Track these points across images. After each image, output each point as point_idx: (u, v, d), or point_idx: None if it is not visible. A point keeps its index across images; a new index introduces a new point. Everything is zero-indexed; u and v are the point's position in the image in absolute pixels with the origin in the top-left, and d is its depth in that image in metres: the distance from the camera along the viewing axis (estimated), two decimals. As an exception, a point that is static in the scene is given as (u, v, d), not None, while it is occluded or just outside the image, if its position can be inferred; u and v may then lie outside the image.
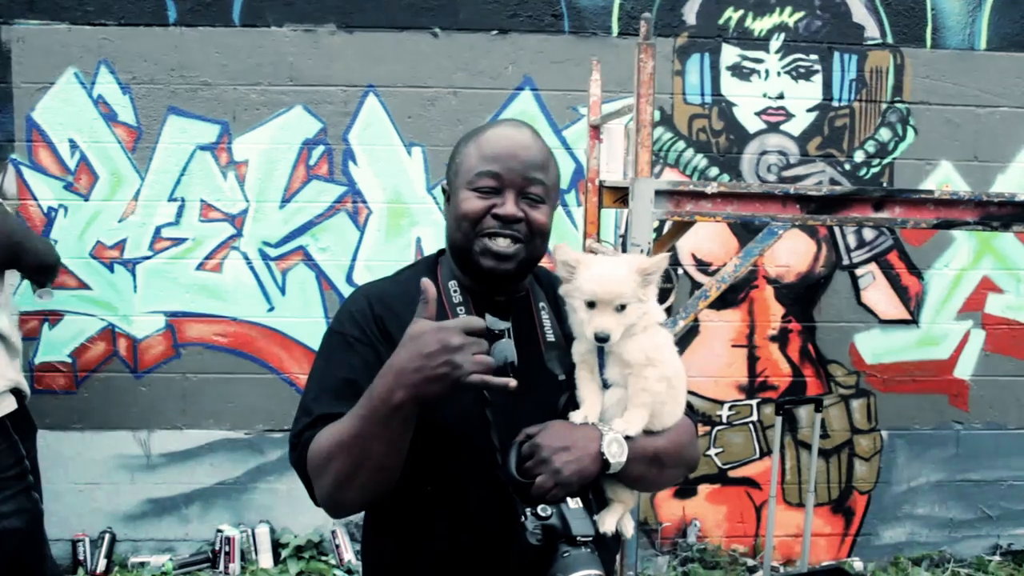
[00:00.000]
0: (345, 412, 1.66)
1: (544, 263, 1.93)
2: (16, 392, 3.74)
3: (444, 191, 1.91)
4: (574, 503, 1.60)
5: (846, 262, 4.96)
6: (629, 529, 1.83)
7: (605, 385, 1.76)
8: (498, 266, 1.77)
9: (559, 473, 1.61)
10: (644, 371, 1.71)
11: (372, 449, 1.60)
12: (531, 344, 1.83)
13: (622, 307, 1.69)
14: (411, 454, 1.71)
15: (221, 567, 4.80)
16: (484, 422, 1.71)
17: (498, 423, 1.71)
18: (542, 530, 1.55)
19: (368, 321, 1.81)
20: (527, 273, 1.88)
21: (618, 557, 3.27)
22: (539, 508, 1.57)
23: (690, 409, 1.90)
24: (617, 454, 1.67)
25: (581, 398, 1.76)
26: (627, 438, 1.70)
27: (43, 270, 4.12)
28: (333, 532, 4.83)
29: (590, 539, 1.57)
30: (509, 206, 1.75)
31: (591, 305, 1.70)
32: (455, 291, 1.84)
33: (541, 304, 1.90)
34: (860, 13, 4.83)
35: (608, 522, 1.79)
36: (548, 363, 1.81)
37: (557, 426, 1.69)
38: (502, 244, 1.76)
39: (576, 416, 1.71)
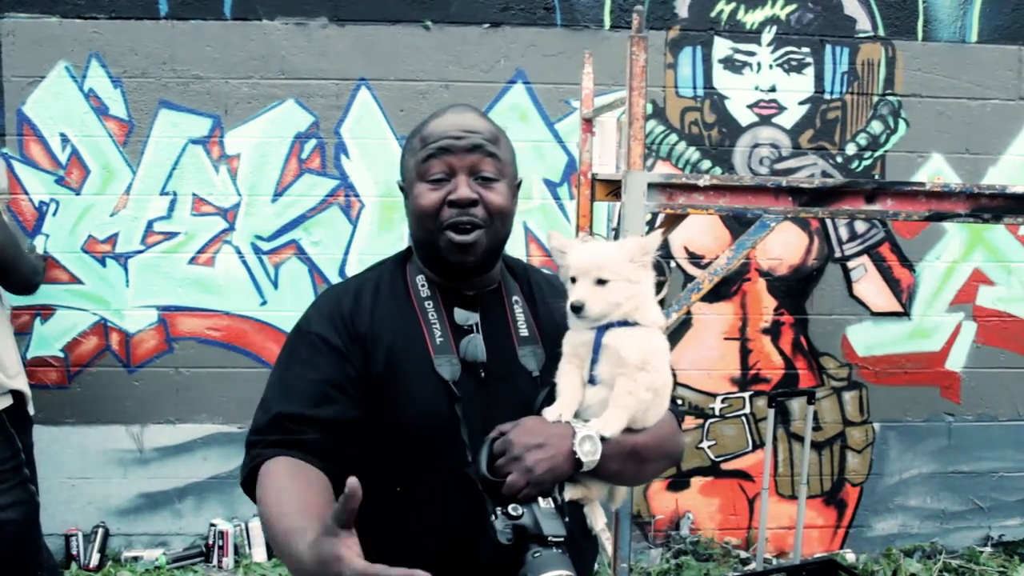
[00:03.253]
0: (305, 413, 1.66)
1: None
2: (14, 391, 3.75)
3: (401, 188, 1.88)
4: (545, 503, 1.57)
5: (838, 255, 4.97)
6: (600, 523, 1.81)
7: (592, 381, 1.72)
8: (465, 259, 1.74)
9: (531, 472, 1.57)
10: (636, 374, 1.68)
11: (284, 560, 1.55)
12: (504, 339, 1.81)
13: (603, 282, 1.67)
14: (378, 454, 1.70)
15: (215, 561, 4.80)
16: (454, 419, 1.68)
17: (469, 420, 1.68)
18: (512, 530, 1.52)
19: (336, 319, 1.79)
20: (495, 260, 1.84)
21: (610, 548, 3.28)
22: (510, 507, 1.54)
23: (673, 402, 1.87)
24: (590, 452, 1.63)
25: (560, 391, 1.71)
26: (603, 438, 1.65)
27: (23, 289, 4.11)
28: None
29: (561, 539, 1.53)
30: (462, 189, 1.72)
31: (573, 281, 1.69)
32: (423, 286, 1.82)
33: (515, 298, 1.87)
34: (852, 6, 4.83)
35: (597, 519, 1.78)
36: (522, 359, 1.79)
37: (530, 423, 1.66)
38: (462, 237, 1.72)
39: (550, 413, 1.67)
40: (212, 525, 4.81)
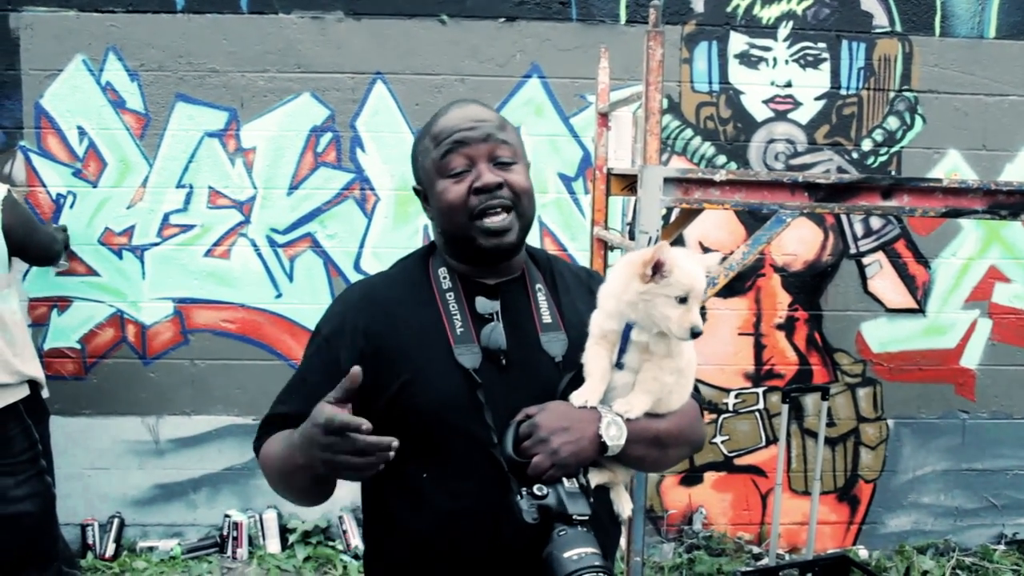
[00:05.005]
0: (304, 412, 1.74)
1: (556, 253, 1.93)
2: (30, 380, 3.79)
3: (417, 193, 1.91)
4: (570, 484, 1.61)
5: (853, 251, 4.96)
6: (627, 510, 1.84)
7: (619, 367, 1.74)
8: (500, 242, 1.77)
9: (556, 454, 1.61)
10: (662, 361, 1.71)
11: (294, 479, 1.73)
12: (527, 326, 1.83)
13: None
14: (402, 443, 1.73)
15: (229, 552, 4.83)
16: (476, 404, 1.71)
17: (493, 405, 1.72)
18: (537, 509, 1.56)
19: (348, 318, 1.85)
20: (523, 241, 1.88)
21: (623, 542, 3.29)
22: (535, 488, 1.58)
23: (696, 391, 1.90)
24: (615, 437, 1.67)
25: (588, 373, 1.74)
26: (627, 420, 1.69)
27: (46, 261, 4.19)
28: (340, 518, 4.85)
29: (586, 518, 1.57)
30: (486, 175, 1.76)
31: (682, 300, 1.65)
32: (444, 278, 1.85)
33: (538, 286, 1.90)
34: (868, 1, 4.81)
35: (624, 506, 1.81)
36: (544, 345, 1.81)
37: (556, 407, 1.70)
38: (497, 220, 1.76)
39: (576, 398, 1.71)
40: (227, 516, 4.84)
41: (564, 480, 1.61)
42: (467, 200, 1.76)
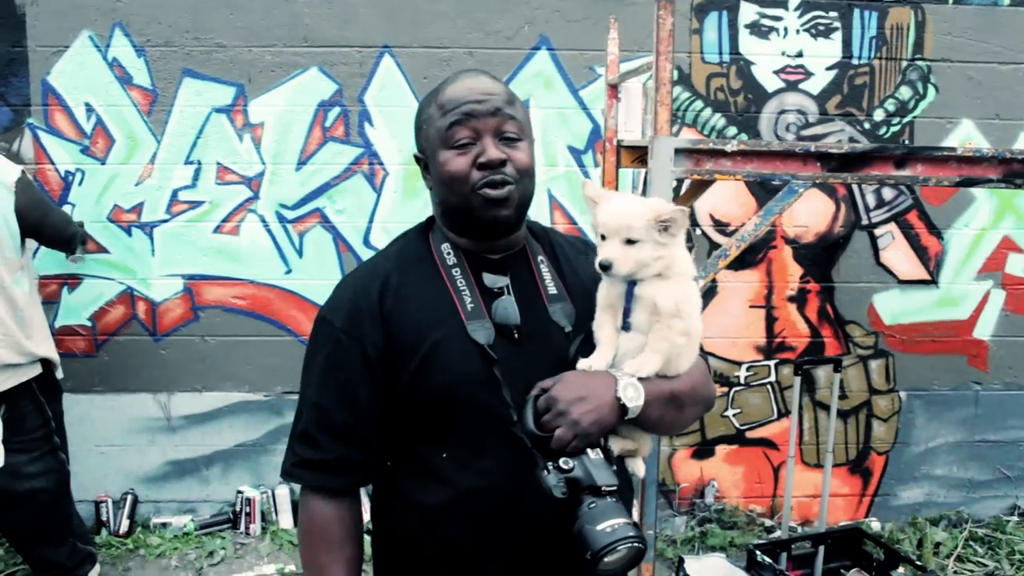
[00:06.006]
0: (330, 424, 1.78)
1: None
2: (43, 360, 3.80)
3: (418, 160, 1.89)
4: (594, 454, 1.60)
5: (865, 222, 4.93)
6: (641, 470, 1.84)
7: (626, 328, 1.75)
8: (499, 213, 1.75)
9: (578, 424, 1.60)
10: (671, 321, 1.71)
11: None
12: (534, 298, 1.83)
13: (631, 241, 1.69)
14: (420, 423, 1.74)
15: (242, 527, 4.85)
16: (493, 381, 1.70)
17: (508, 380, 1.70)
18: (566, 483, 1.55)
19: (361, 302, 1.80)
20: (523, 217, 1.86)
21: (636, 515, 3.29)
22: (561, 461, 1.57)
23: (700, 349, 1.89)
24: (634, 398, 1.67)
25: (598, 340, 1.75)
26: (642, 380, 1.69)
27: (60, 243, 4.19)
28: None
29: (615, 488, 1.57)
30: (491, 151, 1.73)
31: (603, 238, 1.71)
32: (448, 254, 1.83)
33: (540, 258, 1.89)
34: (881, -31, 4.76)
35: (638, 466, 1.81)
36: (553, 316, 1.81)
37: (571, 377, 1.69)
38: (498, 192, 1.73)
39: (581, 363, 1.71)
40: (239, 492, 4.86)
41: (588, 451, 1.60)
42: (469, 173, 1.74)
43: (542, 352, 1.76)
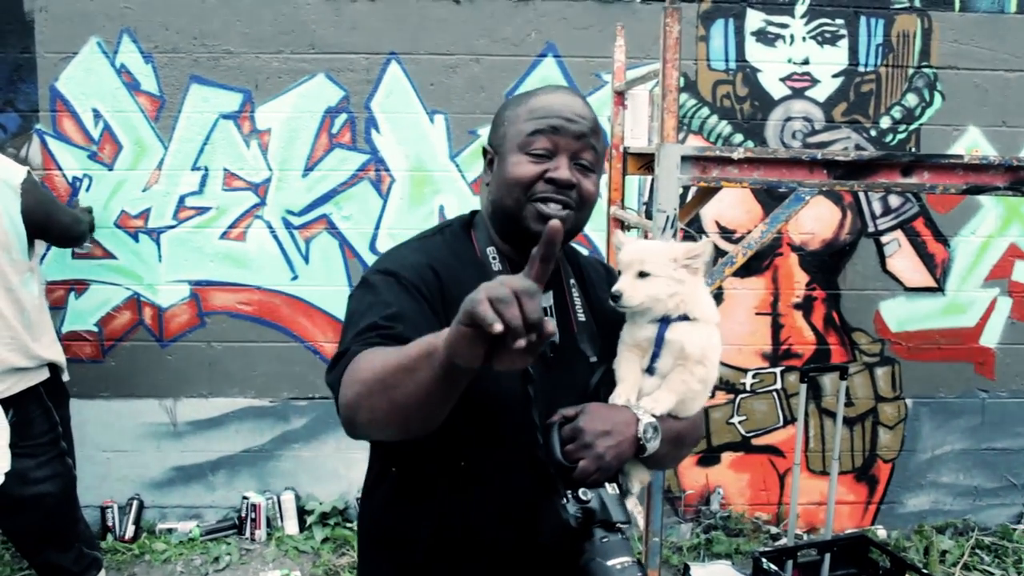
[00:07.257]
0: (396, 312, 1.60)
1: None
2: (50, 363, 3.80)
3: (486, 153, 1.86)
4: (611, 488, 1.61)
5: (871, 229, 4.92)
6: (636, 507, 1.88)
7: (650, 372, 1.78)
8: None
9: (602, 458, 1.61)
10: (694, 367, 1.75)
11: (411, 379, 1.38)
12: (564, 322, 1.81)
13: (644, 274, 1.71)
14: (447, 428, 1.70)
15: (247, 533, 4.86)
16: (525, 399, 1.66)
17: (537, 401, 1.67)
18: (582, 513, 1.56)
19: (427, 276, 1.71)
20: (568, 243, 1.85)
21: (641, 523, 3.29)
22: (580, 492, 1.57)
23: None
24: (653, 438, 1.70)
25: (620, 377, 1.76)
26: (657, 419, 1.72)
27: (69, 242, 4.21)
28: (358, 499, 4.86)
29: (626, 524, 1.58)
30: (564, 170, 1.71)
31: (620, 274, 1.75)
32: (494, 258, 1.79)
33: (572, 282, 1.87)
34: (887, -24, 4.76)
35: (633, 502, 1.83)
36: (580, 344, 1.80)
37: (596, 409, 1.68)
38: (555, 209, 1.70)
39: (618, 397, 1.73)
40: (245, 498, 4.86)
41: (606, 485, 1.61)
42: (535, 183, 1.71)
43: (566, 378, 1.76)
